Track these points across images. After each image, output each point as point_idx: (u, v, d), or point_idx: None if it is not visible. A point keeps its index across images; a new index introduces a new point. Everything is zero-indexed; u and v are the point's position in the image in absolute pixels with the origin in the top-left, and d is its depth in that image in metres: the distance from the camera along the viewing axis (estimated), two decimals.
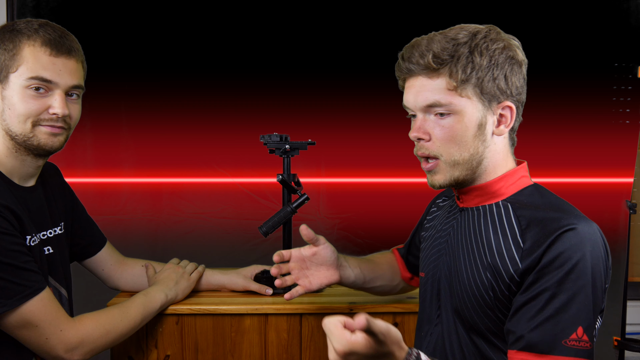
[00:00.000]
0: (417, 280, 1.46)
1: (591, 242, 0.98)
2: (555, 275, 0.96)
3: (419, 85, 1.08)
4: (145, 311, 1.40)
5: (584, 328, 0.95)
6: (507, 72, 1.06)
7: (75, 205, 1.51)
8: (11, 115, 1.22)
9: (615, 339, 2.58)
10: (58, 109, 1.23)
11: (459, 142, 1.07)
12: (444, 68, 1.04)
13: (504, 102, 1.08)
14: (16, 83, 1.21)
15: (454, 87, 1.04)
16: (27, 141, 1.24)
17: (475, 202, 1.14)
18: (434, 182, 1.12)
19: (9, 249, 1.15)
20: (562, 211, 1.03)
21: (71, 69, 1.25)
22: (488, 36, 1.06)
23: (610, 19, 2.63)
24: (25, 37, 1.22)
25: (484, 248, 1.08)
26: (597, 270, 0.97)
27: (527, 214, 1.05)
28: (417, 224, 1.47)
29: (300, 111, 2.59)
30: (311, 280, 1.27)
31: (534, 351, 0.96)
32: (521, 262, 1.01)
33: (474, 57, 1.04)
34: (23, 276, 1.17)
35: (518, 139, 1.19)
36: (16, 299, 1.16)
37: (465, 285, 1.09)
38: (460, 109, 1.06)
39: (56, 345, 1.21)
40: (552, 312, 0.96)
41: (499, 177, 1.11)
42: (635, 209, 2.58)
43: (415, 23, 2.59)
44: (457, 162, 1.08)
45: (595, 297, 0.97)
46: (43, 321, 1.19)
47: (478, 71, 1.04)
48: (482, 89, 1.05)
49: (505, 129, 1.10)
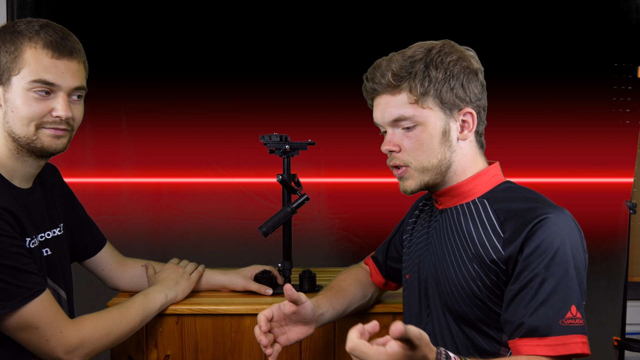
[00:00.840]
0: (391, 284, 1.51)
1: (567, 227, 1.06)
2: (540, 261, 1.03)
3: (384, 103, 1.18)
4: (145, 312, 1.40)
5: (576, 306, 1.03)
6: (463, 81, 1.15)
7: (75, 206, 1.51)
8: (14, 118, 1.22)
9: (615, 339, 2.58)
10: (61, 112, 1.23)
11: (426, 150, 1.16)
12: (403, 84, 1.14)
13: (464, 108, 1.16)
14: (18, 86, 1.21)
15: (415, 100, 1.14)
16: (30, 143, 1.24)
17: (453, 202, 1.21)
18: (406, 188, 1.20)
19: (9, 251, 1.15)
20: (536, 202, 1.11)
21: (73, 70, 1.25)
22: (442, 50, 1.15)
23: (610, 19, 2.63)
24: (27, 39, 1.21)
25: (467, 241, 1.15)
26: (577, 252, 1.06)
27: (503, 207, 1.13)
28: (396, 228, 1.51)
29: (300, 111, 2.59)
30: (288, 336, 1.25)
31: (535, 335, 1.02)
32: (503, 250, 1.08)
33: (429, 71, 1.13)
34: (23, 278, 1.17)
35: (518, 138, 1.21)
36: (16, 301, 1.16)
37: (454, 280, 1.15)
38: (423, 119, 1.15)
39: (56, 347, 1.21)
40: (545, 296, 1.02)
41: (472, 176, 1.19)
42: (635, 209, 2.58)
43: (415, 23, 2.59)
44: (426, 168, 1.17)
45: (579, 277, 1.05)
46: (43, 323, 1.19)
47: (435, 83, 1.13)
48: (441, 99, 1.14)
49: (469, 133, 1.18)
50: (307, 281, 1.61)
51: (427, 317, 1.24)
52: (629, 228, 2.62)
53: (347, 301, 1.39)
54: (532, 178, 2.63)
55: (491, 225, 1.12)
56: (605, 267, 2.66)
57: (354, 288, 1.44)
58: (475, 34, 2.56)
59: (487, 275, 1.10)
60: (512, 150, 2.52)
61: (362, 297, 1.45)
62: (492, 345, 1.12)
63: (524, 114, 2.61)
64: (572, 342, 1.01)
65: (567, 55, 2.63)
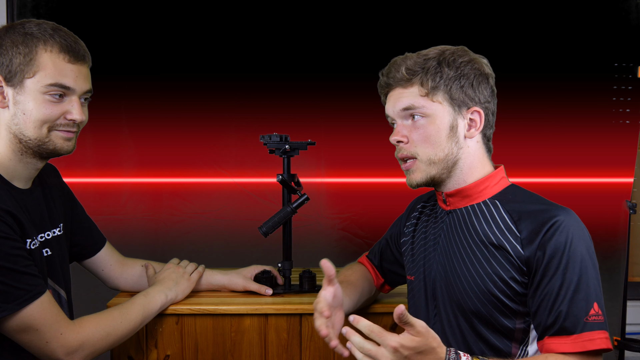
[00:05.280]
0: (386, 287, 1.52)
1: (579, 228, 1.11)
2: (560, 263, 1.08)
3: (396, 95, 1.23)
4: (145, 312, 1.40)
5: (597, 303, 1.08)
6: (473, 82, 1.20)
7: (75, 205, 1.51)
8: (26, 120, 1.23)
9: (615, 339, 2.58)
10: (77, 116, 1.26)
11: (433, 143, 1.19)
12: (415, 78, 1.19)
13: (472, 107, 1.20)
14: (33, 89, 1.22)
15: (426, 93, 1.19)
16: (42, 145, 1.25)
17: (463, 203, 1.24)
18: (412, 181, 1.23)
19: (9, 253, 1.15)
20: (545, 204, 1.16)
21: (85, 74, 1.28)
22: (456, 52, 1.21)
23: (610, 19, 2.63)
24: (42, 42, 1.22)
25: (482, 240, 1.17)
26: (591, 251, 1.11)
27: (515, 207, 1.17)
28: (390, 230, 1.51)
29: (300, 111, 2.59)
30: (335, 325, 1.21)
31: (563, 334, 1.08)
32: (523, 250, 1.12)
33: (442, 68, 1.19)
34: (23, 280, 1.17)
35: (518, 138, 1.23)
36: (16, 303, 1.16)
37: (467, 278, 1.18)
38: (432, 112, 1.19)
39: (56, 348, 1.21)
40: (570, 296, 1.07)
41: (483, 178, 1.22)
42: (635, 209, 2.58)
43: (414, 23, 2.59)
44: (433, 161, 1.20)
45: (595, 274, 1.10)
46: (43, 325, 1.19)
47: (446, 80, 1.18)
48: (451, 95, 1.19)
49: (476, 132, 1.21)
50: (307, 281, 1.61)
51: (434, 317, 1.25)
52: (629, 228, 2.62)
53: (358, 294, 1.40)
54: (533, 178, 2.63)
55: (505, 225, 1.16)
56: (605, 267, 2.65)
57: (362, 282, 1.45)
58: (476, 34, 2.56)
59: (506, 270, 1.13)
60: (512, 150, 2.52)
61: (369, 291, 1.47)
62: (503, 341, 1.15)
63: (524, 114, 2.61)
64: (597, 337, 1.06)
65: (567, 55, 2.63)
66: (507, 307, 1.14)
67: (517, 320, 1.14)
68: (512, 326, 1.14)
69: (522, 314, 1.14)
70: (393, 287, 1.53)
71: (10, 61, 1.21)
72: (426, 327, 1.00)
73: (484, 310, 1.15)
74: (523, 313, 1.14)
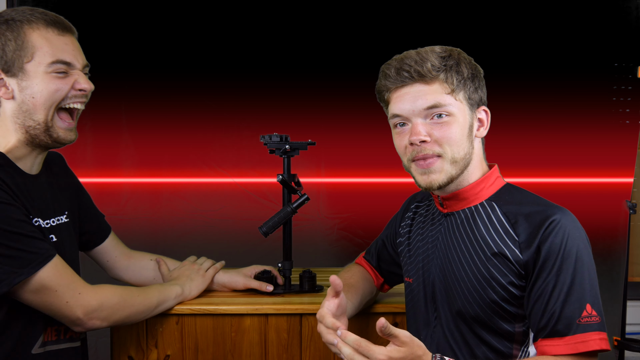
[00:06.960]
0: (385, 287, 1.53)
1: (575, 228, 1.11)
2: (552, 268, 1.08)
3: (415, 92, 1.17)
4: (161, 296, 1.41)
5: (591, 304, 1.07)
6: (480, 82, 1.21)
7: (82, 194, 1.51)
8: (35, 104, 1.23)
9: (615, 339, 2.58)
10: (85, 84, 1.27)
11: (457, 141, 1.16)
12: (440, 74, 1.16)
13: (481, 107, 1.21)
14: (36, 71, 1.22)
15: (451, 90, 1.16)
16: (46, 131, 1.25)
17: (460, 206, 1.23)
18: (432, 182, 1.17)
19: (14, 218, 1.16)
20: (542, 204, 1.16)
21: (78, 47, 1.29)
22: (461, 53, 1.21)
23: (610, 19, 2.63)
24: (26, 23, 1.22)
25: (480, 244, 1.17)
26: (587, 251, 1.10)
27: (512, 209, 1.16)
28: (385, 231, 1.52)
29: (300, 111, 2.59)
30: None
31: (556, 336, 1.08)
32: (521, 254, 1.11)
33: (460, 67, 1.17)
34: (33, 244, 1.17)
35: (518, 138, 1.24)
36: (31, 267, 1.16)
37: (466, 282, 1.17)
38: (455, 110, 1.17)
39: (76, 308, 1.22)
40: (562, 299, 1.07)
41: (479, 180, 1.21)
42: (635, 209, 2.58)
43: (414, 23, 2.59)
44: (456, 160, 1.17)
45: (591, 275, 1.09)
46: (61, 285, 1.20)
47: (465, 79, 1.18)
48: (469, 94, 1.18)
49: (485, 131, 1.22)
50: (307, 281, 1.61)
51: (435, 320, 1.24)
52: (629, 228, 2.62)
53: (359, 296, 1.40)
54: (532, 178, 2.63)
55: (503, 228, 1.15)
56: (605, 267, 2.66)
57: (363, 284, 1.45)
58: (476, 34, 2.56)
59: (505, 275, 1.12)
60: (512, 150, 2.52)
61: (370, 292, 1.46)
62: (504, 343, 1.16)
63: (524, 114, 2.61)
64: (591, 339, 1.06)
65: (567, 55, 2.63)
66: (506, 312, 1.14)
67: (517, 323, 1.14)
68: (512, 330, 1.15)
69: (522, 317, 1.14)
70: (392, 286, 1.53)
71: (2, 51, 1.21)
72: (410, 337, 1.00)
73: (484, 316, 1.15)
74: (522, 316, 1.14)
